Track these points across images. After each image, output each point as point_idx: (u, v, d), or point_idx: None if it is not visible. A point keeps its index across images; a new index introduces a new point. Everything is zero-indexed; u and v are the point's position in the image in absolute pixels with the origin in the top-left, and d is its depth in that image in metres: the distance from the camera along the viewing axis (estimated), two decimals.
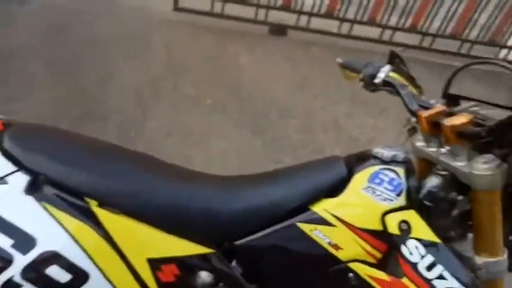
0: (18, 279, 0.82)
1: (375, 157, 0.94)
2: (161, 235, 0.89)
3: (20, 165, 0.85)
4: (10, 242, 0.81)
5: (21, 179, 0.84)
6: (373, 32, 3.75)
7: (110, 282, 0.87)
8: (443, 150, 0.92)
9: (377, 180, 0.90)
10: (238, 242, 0.91)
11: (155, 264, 0.89)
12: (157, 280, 0.89)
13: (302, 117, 2.82)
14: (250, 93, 2.98)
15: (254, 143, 2.55)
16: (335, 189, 0.91)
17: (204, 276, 0.92)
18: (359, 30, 3.72)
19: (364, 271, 0.89)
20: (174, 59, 3.15)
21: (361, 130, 2.84)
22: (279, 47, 3.50)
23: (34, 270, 0.82)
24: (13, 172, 0.84)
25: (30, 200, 0.83)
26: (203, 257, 0.90)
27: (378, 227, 0.88)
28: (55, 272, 0.83)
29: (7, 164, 0.84)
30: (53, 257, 0.83)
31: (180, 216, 0.90)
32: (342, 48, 3.51)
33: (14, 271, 0.81)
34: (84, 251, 0.84)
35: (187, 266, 0.90)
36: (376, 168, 0.91)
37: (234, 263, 0.93)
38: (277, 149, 2.52)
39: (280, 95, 2.99)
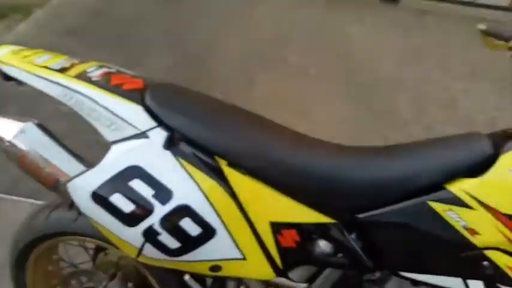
0: (157, 227, 0.87)
1: None
2: (285, 200, 0.88)
3: (160, 122, 0.89)
4: (151, 192, 0.86)
5: (161, 134, 0.88)
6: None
7: (234, 240, 0.89)
8: None
9: None
10: (361, 215, 0.87)
11: (277, 228, 0.89)
12: (277, 244, 0.90)
13: (414, 91, 2.63)
14: (358, 64, 2.85)
15: (360, 116, 2.45)
16: (476, 168, 0.81)
17: (323, 245, 0.90)
18: None
19: (504, 261, 0.80)
20: (278, 27, 3.12)
21: (481, 109, 2.56)
22: (391, 16, 3.28)
23: (170, 221, 0.87)
24: (154, 127, 0.88)
25: (168, 154, 0.87)
26: (324, 226, 0.88)
27: None
28: (188, 224, 0.87)
29: (149, 120, 0.89)
30: (187, 211, 0.87)
31: (304, 183, 0.88)
32: (460, 17, 3.16)
33: (154, 219, 0.87)
34: (213, 208, 0.87)
35: (307, 233, 0.89)
36: None
37: (354, 236, 0.89)
38: (385, 124, 2.39)
39: (390, 66, 2.81)
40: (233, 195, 0.88)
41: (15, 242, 1.19)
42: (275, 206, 0.88)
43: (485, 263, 0.81)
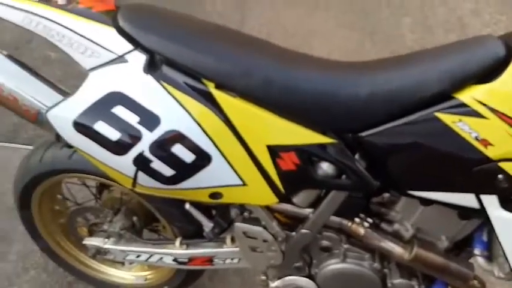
0: (148, 154, 0.84)
1: None
2: (280, 121, 0.83)
3: (136, 44, 0.83)
4: (137, 118, 0.83)
5: (139, 58, 0.83)
6: None
7: (231, 166, 0.86)
8: None
9: None
10: (363, 133, 0.82)
11: (275, 151, 0.85)
12: (277, 168, 0.86)
13: (418, 14, 2.48)
14: None
15: (363, 44, 2.33)
16: (488, 73, 0.74)
17: (326, 167, 0.86)
18: None
19: None
20: None
21: (491, 30, 2.42)
22: None
23: (161, 147, 0.84)
24: (131, 51, 0.83)
25: (149, 79, 0.82)
26: (324, 147, 0.84)
27: None
28: (180, 150, 0.84)
29: (124, 43, 0.83)
30: (177, 136, 0.83)
31: (299, 102, 0.82)
32: None
33: (143, 146, 0.84)
34: (206, 133, 0.83)
35: (307, 155, 0.85)
36: None
37: (357, 156, 0.85)
38: (389, 51, 2.27)
39: None
40: (226, 120, 0.83)
41: (15, 184, 1.19)
42: (271, 129, 0.84)
43: (499, 176, 0.76)
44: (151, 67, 0.83)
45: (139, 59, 0.83)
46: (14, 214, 1.58)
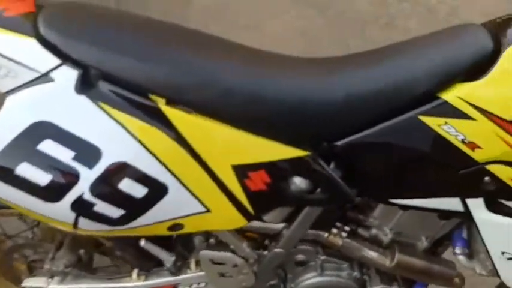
0: (88, 196, 0.69)
1: None
2: (245, 137, 0.71)
3: (64, 57, 0.66)
4: (71, 154, 0.67)
5: (69, 74, 0.66)
6: None
7: (192, 194, 0.73)
8: None
9: None
10: (339, 143, 0.72)
11: (242, 171, 0.73)
12: (245, 189, 0.75)
13: None
14: None
15: (315, 21, 2.24)
16: (475, 70, 0.67)
17: (299, 182, 0.76)
18: None
19: (507, 174, 0.70)
20: None
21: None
22: None
23: (105, 186, 0.69)
24: (58, 66, 0.66)
25: (83, 100, 0.66)
26: (297, 160, 0.73)
27: None
28: (128, 186, 0.69)
29: (49, 56, 0.66)
30: (123, 169, 0.68)
31: (265, 112, 0.71)
32: None
33: (82, 188, 0.68)
34: (157, 159, 0.69)
35: (278, 172, 0.74)
36: None
37: (332, 165, 0.75)
38: (343, 27, 2.20)
39: None
40: (181, 141, 0.70)
41: None
42: (235, 146, 0.72)
43: (486, 178, 0.72)
44: (85, 85, 0.66)
45: (68, 76, 0.66)
46: None
